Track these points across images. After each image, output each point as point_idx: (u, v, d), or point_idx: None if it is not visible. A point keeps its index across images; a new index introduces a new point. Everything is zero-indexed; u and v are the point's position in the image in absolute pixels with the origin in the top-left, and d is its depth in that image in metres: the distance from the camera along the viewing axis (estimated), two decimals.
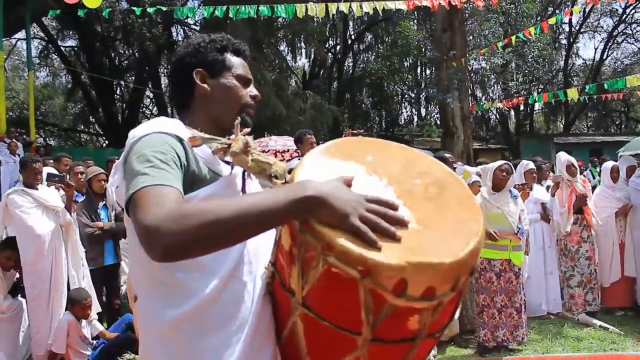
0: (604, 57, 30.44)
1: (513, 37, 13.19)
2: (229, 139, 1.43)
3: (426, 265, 1.10)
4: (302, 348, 1.31)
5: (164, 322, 1.35)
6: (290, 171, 1.36)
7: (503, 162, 5.31)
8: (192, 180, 1.37)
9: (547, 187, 6.62)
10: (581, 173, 6.38)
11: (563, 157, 6.44)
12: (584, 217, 6.23)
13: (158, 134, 1.37)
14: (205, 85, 1.57)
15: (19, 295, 5.03)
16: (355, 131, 5.98)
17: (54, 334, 4.79)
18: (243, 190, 1.47)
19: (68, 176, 5.51)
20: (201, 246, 1.12)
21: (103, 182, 5.71)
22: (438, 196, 1.31)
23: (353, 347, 1.20)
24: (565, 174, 6.25)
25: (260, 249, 1.47)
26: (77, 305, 4.80)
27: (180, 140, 1.38)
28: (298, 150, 6.75)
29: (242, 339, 1.36)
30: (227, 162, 1.47)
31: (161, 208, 1.14)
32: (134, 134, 1.40)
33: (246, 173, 1.48)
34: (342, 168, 1.31)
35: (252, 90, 1.63)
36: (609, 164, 6.73)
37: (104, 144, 26.26)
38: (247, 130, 1.48)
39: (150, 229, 1.11)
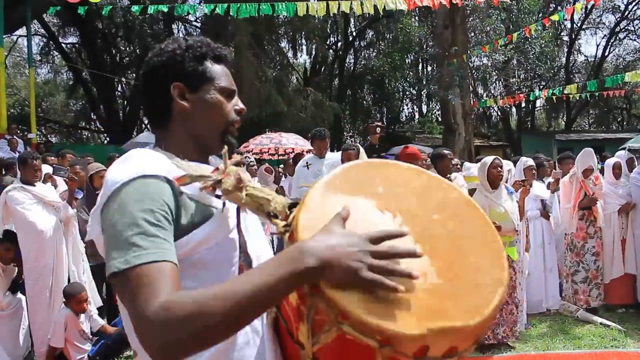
0: (606, 54, 30.39)
1: (514, 35, 13.16)
2: (216, 169, 1.29)
3: (449, 330, 1.02)
4: None
5: None
6: (291, 206, 1.24)
7: (493, 157, 5.30)
8: (184, 227, 1.21)
9: (549, 184, 6.61)
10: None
11: (586, 159, 6.27)
12: (591, 213, 6.22)
13: (144, 180, 1.18)
14: (185, 103, 1.35)
15: (19, 292, 5.04)
16: (379, 124, 5.97)
17: (52, 329, 4.79)
18: (238, 226, 1.31)
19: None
20: (198, 346, 1.01)
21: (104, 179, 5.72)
22: (459, 235, 1.19)
23: None
24: (580, 175, 6.21)
25: None
26: (72, 299, 4.80)
27: (169, 182, 1.21)
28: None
29: None
30: (218, 196, 1.29)
31: (155, 300, 1.01)
32: (113, 177, 1.21)
33: (241, 208, 1.32)
34: (352, 206, 1.15)
35: (237, 103, 1.43)
36: (611, 161, 6.71)
37: (105, 141, 26.29)
38: (238, 159, 1.34)
39: (142, 328, 1.01)
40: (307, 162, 6.31)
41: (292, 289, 1.03)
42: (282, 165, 10.39)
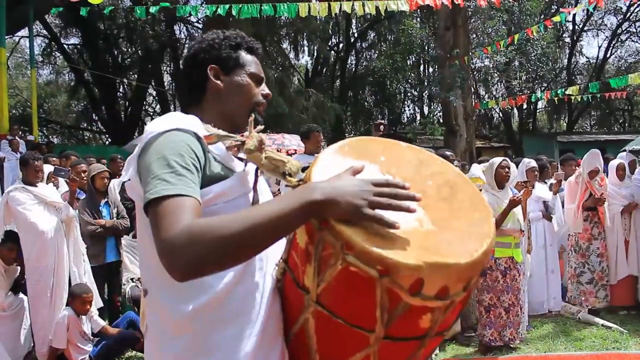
0: (608, 56, 30.34)
1: (516, 36, 13.15)
2: (242, 135, 1.46)
3: (443, 265, 1.13)
4: (312, 345, 1.33)
5: (178, 316, 1.36)
6: (304, 169, 1.38)
7: (502, 158, 5.30)
8: (208, 178, 1.37)
9: (551, 186, 6.60)
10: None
11: (592, 160, 6.27)
12: (595, 214, 6.21)
13: (177, 132, 1.36)
14: (219, 82, 1.57)
15: (20, 292, 5.04)
16: (382, 122, 6.02)
17: (53, 330, 4.79)
18: (254, 187, 1.48)
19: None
20: (217, 264, 1.15)
21: (106, 179, 5.73)
22: (450, 197, 1.34)
23: (365, 345, 1.22)
24: (586, 175, 6.20)
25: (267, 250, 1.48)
26: (77, 299, 4.80)
27: (199, 139, 1.38)
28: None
29: (254, 333, 1.39)
30: (240, 159, 1.50)
31: (178, 225, 1.15)
32: (151, 128, 1.39)
33: (259, 170, 1.49)
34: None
35: (264, 88, 1.64)
36: (615, 162, 6.71)
37: (107, 142, 26.31)
38: (261, 127, 1.51)
39: (166, 249, 1.15)
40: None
41: (300, 219, 1.17)
42: None
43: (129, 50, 25.03)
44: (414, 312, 1.17)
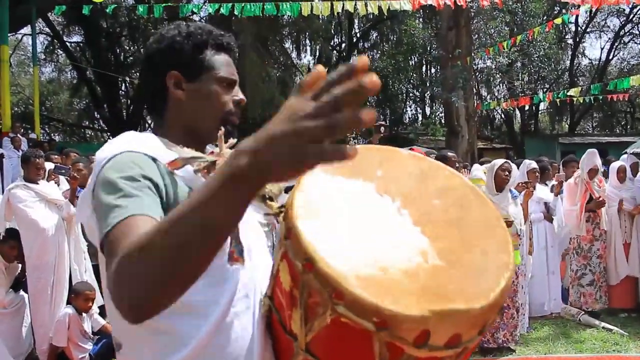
0: (610, 57, 30.29)
1: (519, 37, 13.14)
2: (212, 153, 1.25)
3: (453, 313, 0.95)
4: None
5: None
6: (288, 189, 1.17)
7: (503, 160, 5.29)
8: (171, 205, 1.12)
9: (552, 187, 6.60)
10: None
11: (591, 159, 6.29)
12: (596, 215, 6.21)
13: (126, 154, 1.15)
14: (180, 92, 1.31)
15: (21, 289, 5.04)
16: (382, 123, 5.99)
17: (54, 328, 4.80)
18: None
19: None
20: (152, 295, 0.84)
21: None
22: (461, 220, 1.14)
23: None
24: (585, 176, 6.20)
25: (256, 280, 1.28)
26: (79, 296, 4.80)
27: (154, 160, 1.17)
28: None
29: None
30: None
31: (117, 256, 0.89)
32: (99, 157, 1.18)
33: None
34: (348, 188, 1.14)
35: (236, 93, 1.37)
36: (616, 164, 6.70)
37: (109, 140, 26.28)
38: (233, 142, 1.28)
39: (109, 288, 0.90)
40: None
41: (232, 200, 0.78)
42: None
43: (132, 48, 25.04)
44: None
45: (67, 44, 24.18)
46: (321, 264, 0.97)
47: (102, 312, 5.32)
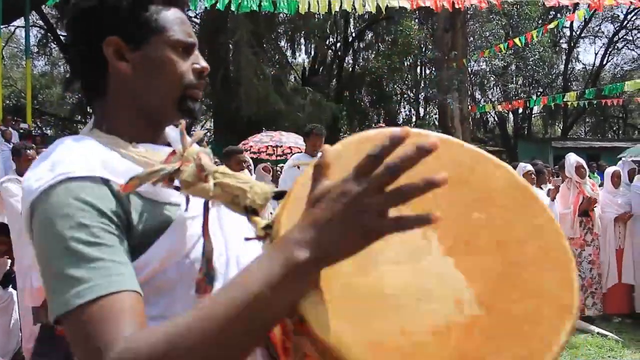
0: (604, 63, 30.47)
1: (516, 39, 13.15)
2: (173, 153, 0.94)
3: None
4: None
5: None
6: (279, 196, 0.91)
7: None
8: (140, 234, 0.91)
9: (548, 191, 6.58)
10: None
11: (572, 158, 6.40)
12: (589, 220, 6.21)
13: (65, 186, 0.86)
14: (124, 63, 1.00)
15: (10, 286, 4.95)
16: (382, 126, 5.92)
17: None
18: (204, 230, 0.94)
19: None
20: None
21: None
22: (509, 242, 0.82)
23: None
24: (574, 176, 6.22)
25: None
26: None
27: (106, 182, 0.90)
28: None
29: None
30: (177, 188, 0.93)
31: (113, 347, 0.73)
32: (29, 186, 0.89)
33: (209, 204, 0.95)
34: None
35: (197, 60, 1.05)
36: (611, 170, 6.71)
37: None
38: (200, 134, 1.01)
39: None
40: (297, 162, 5.70)
41: (287, 296, 0.69)
42: (281, 165, 10.33)
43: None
44: None
45: (61, 37, 23.97)
46: (317, 327, 0.70)
47: None
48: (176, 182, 0.92)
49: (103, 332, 0.75)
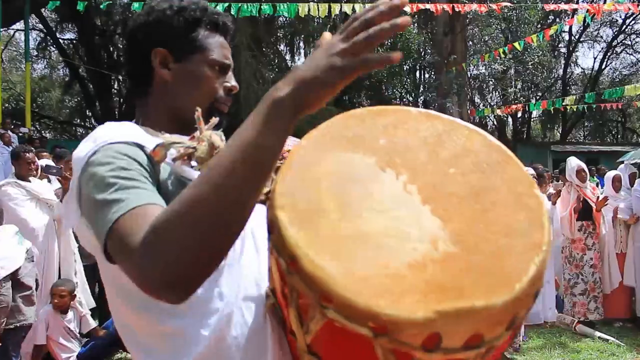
0: (603, 67, 30.50)
1: (516, 44, 13.16)
2: (192, 137, 1.11)
3: (466, 312, 0.78)
4: None
5: None
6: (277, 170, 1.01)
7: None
8: (164, 195, 1.03)
9: (549, 195, 6.57)
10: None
11: (574, 161, 6.40)
12: (590, 224, 6.19)
13: (108, 146, 1.03)
14: (166, 71, 1.20)
15: None
16: None
17: (34, 325, 4.69)
18: None
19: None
20: (205, 251, 0.81)
21: None
22: (482, 190, 0.93)
23: None
24: (575, 179, 6.21)
25: (262, 272, 1.15)
26: (53, 294, 4.71)
27: (141, 147, 1.06)
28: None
29: None
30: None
31: (139, 239, 0.85)
32: (78, 155, 1.06)
33: None
34: (343, 166, 0.96)
35: (229, 80, 1.26)
36: (611, 174, 6.71)
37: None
38: (215, 121, 1.15)
39: (138, 276, 0.85)
40: None
41: (277, 132, 0.82)
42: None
43: (125, 46, 24.89)
44: None
45: (60, 40, 23.97)
46: (305, 262, 0.82)
47: (92, 315, 5.21)
48: (192, 163, 1.09)
49: (134, 234, 0.87)
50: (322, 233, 0.86)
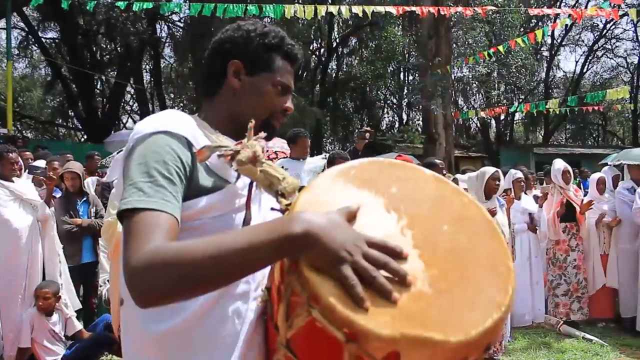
0: (584, 71, 30.90)
1: (501, 47, 13.28)
2: (239, 143, 1.27)
3: (425, 341, 0.91)
4: None
5: (148, 335, 1.25)
6: (301, 189, 1.19)
7: (494, 169, 5.29)
8: (196, 189, 1.24)
9: (535, 197, 6.63)
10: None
11: (559, 163, 6.46)
12: (573, 225, 6.26)
13: (165, 136, 1.22)
14: (237, 80, 1.39)
15: None
16: (368, 129, 5.97)
17: (19, 328, 4.63)
18: (247, 203, 1.31)
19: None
20: (178, 293, 1.02)
21: (72, 180, 5.52)
22: (466, 252, 1.09)
23: None
24: (560, 181, 6.28)
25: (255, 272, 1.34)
26: (37, 296, 4.65)
27: (189, 145, 1.25)
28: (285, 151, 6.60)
29: None
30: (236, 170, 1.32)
31: (143, 248, 1.03)
32: (139, 128, 1.26)
33: (253, 185, 1.32)
34: (357, 199, 1.11)
35: (287, 101, 1.45)
36: (596, 176, 6.78)
37: (83, 139, 25.83)
38: (262, 135, 1.31)
39: (126, 273, 1.03)
40: (282, 167, 5.82)
41: (272, 255, 1.01)
42: None
43: (109, 47, 24.64)
44: None
45: (42, 39, 23.67)
46: (304, 266, 0.98)
47: (77, 317, 5.15)
48: (233, 165, 1.27)
49: (143, 234, 1.05)
50: None
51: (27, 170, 5.11)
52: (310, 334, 1.00)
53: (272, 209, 1.25)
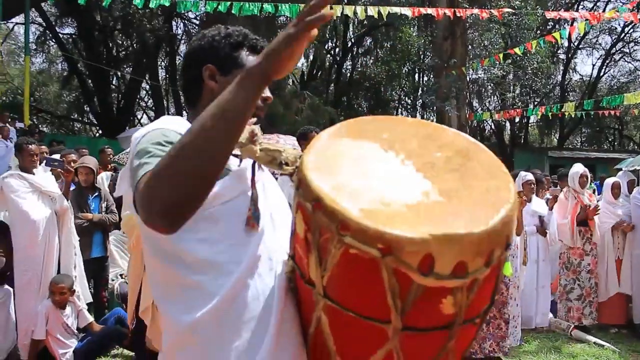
0: (601, 74, 30.59)
1: (517, 49, 13.19)
2: None
3: (452, 237, 1.00)
4: (331, 346, 1.21)
5: (182, 327, 1.30)
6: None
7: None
8: None
9: (547, 200, 6.59)
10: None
11: (578, 167, 6.46)
12: (587, 229, 6.22)
13: (159, 129, 1.35)
14: (213, 83, 1.47)
15: (5, 284, 4.90)
16: None
17: (34, 320, 4.68)
18: (252, 182, 1.39)
19: None
20: (190, 189, 1.08)
21: (86, 175, 5.60)
22: (462, 167, 1.19)
23: (384, 339, 1.10)
24: (576, 184, 6.24)
25: (279, 245, 1.40)
26: (51, 289, 4.69)
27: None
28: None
29: (267, 340, 1.28)
30: (236, 156, 1.37)
31: (142, 183, 1.15)
32: (136, 135, 1.39)
33: (256, 164, 1.40)
34: (355, 147, 1.24)
35: (265, 92, 1.48)
36: (610, 180, 6.73)
37: (98, 134, 26.03)
38: (254, 120, 1.39)
39: (138, 206, 1.13)
40: None
41: (248, 93, 1.11)
42: None
43: (125, 43, 24.79)
44: (431, 296, 1.04)
45: (60, 35, 23.88)
46: (327, 200, 1.06)
47: (88, 310, 5.20)
48: (234, 151, 1.27)
49: (141, 183, 1.15)
50: (339, 182, 1.12)
51: (44, 163, 5.17)
52: (345, 268, 1.07)
53: (282, 174, 1.34)
